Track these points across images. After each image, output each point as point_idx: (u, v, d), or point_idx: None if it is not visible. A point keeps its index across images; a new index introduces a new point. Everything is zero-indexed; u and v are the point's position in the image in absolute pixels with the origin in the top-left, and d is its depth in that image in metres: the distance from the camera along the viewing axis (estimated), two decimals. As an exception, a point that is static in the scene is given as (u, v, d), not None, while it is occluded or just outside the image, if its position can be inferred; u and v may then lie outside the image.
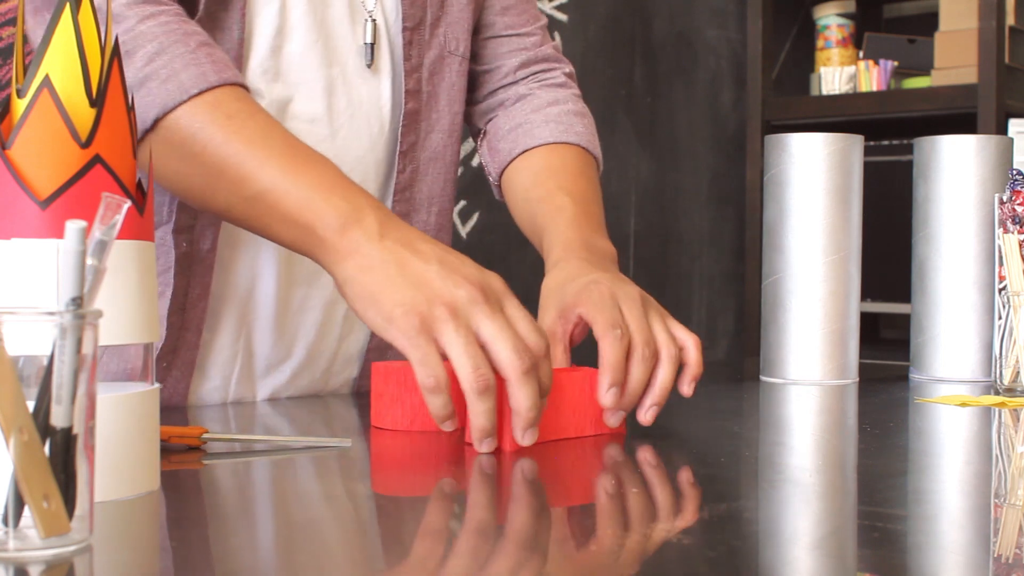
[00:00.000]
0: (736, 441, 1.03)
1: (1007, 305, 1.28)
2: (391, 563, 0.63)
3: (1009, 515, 0.75)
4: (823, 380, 1.35)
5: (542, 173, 1.24)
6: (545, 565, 0.62)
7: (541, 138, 1.28)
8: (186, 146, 0.97)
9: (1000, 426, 1.10)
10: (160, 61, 0.97)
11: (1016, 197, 1.32)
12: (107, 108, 0.72)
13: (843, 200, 1.36)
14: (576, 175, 1.25)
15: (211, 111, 0.96)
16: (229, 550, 0.65)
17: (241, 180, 0.95)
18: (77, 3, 0.72)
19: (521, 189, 1.25)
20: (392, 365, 0.99)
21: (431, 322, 0.86)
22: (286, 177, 0.94)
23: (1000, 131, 2.82)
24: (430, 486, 0.84)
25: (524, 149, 1.28)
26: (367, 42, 1.17)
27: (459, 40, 1.25)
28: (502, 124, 1.31)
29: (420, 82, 1.21)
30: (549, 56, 1.35)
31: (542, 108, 1.30)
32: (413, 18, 1.20)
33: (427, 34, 1.22)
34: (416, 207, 1.23)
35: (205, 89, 0.97)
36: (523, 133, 1.29)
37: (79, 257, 0.59)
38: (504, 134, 1.30)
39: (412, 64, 1.21)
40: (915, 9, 3.54)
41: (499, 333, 0.86)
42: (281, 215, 0.94)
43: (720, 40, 3.34)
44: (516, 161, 1.28)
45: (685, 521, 0.71)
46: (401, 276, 0.88)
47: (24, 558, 0.58)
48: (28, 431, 0.57)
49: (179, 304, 1.11)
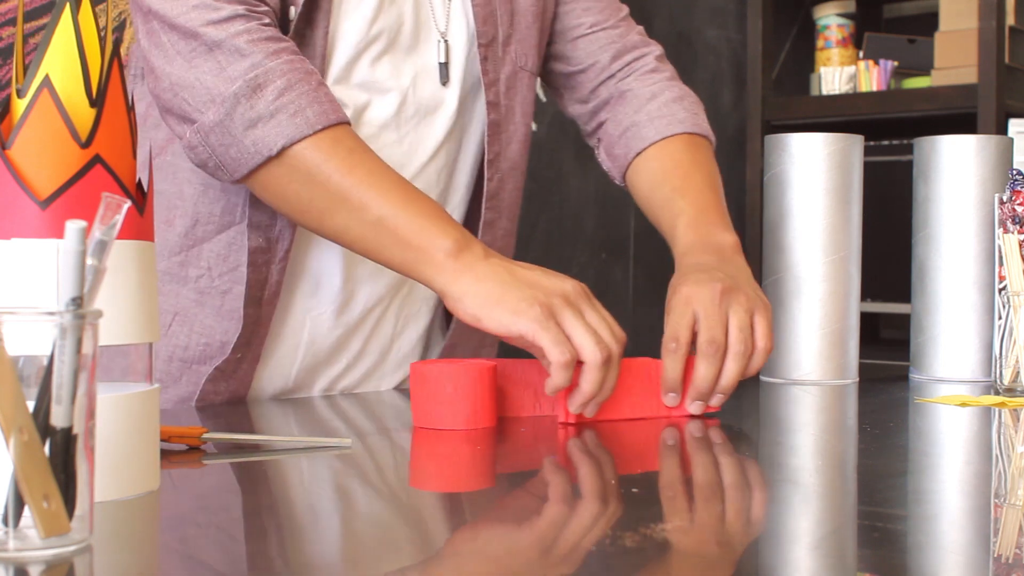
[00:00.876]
0: (736, 441, 1.03)
1: (1007, 305, 1.28)
2: (391, 564, 0.63)
3: (1009, 515, 0.75)
4: (823, 380, 1.35)
5: (656, 177, 1.32)
6: (544, 565, 0.62)
7: (649, 138, 1.35)
8: (311, 173, 1.08)
9: (1000, 426, 1.09)
10: (288, 96, 1.07)
11: (1016, 197, 1.32)
12: (107, 108, 0.72)
13: (843, 200, 1.36)
14: (688, 169, 1.32)
15: (333, 145, 1.08)
16: (229, 550, 0.65)
17: (363, 207, 1.07)
18: (77, 3, 0.72)
19: (642, 195, 1.34)
20: (430, 365, 1.00)
21: (553, 309, 1.00)
22: (406, 207, 1.07)
23: (1000, 131, 2.82)
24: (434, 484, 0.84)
25: (636, 152, 1.35)
26: (441, 62, 1.25)
27: (528, 56, 1.32)
28: (612, 131, 1.38)
29: (499, 95, 1.28)
30: (638, 43, 1.41)
31: (643, 106, 1.36)
32: (486, 35, 1.27)
33: (500, 51, 1.28)
34: (500, 213, 1.31)
35: (328, 126, 1.08)
36: (632, 136, 1.36)
37: (79, 257, 0.59)
38: (616, 140, 1.37)
39: (490, 79, 1.27)
40: (915, 9, 3.54)
41: (595, 324, 1.01)
42: (398, 239, 1.07)
43: (720, 40, 3.34)
44: (633, 165, 1.36)
45: (684, 521, 0.71)
46: (515, 281, 1.03)
47: (24, 558, 0.58)
48: (28, 431, 0.57)
49: (255, 297, 1.18)
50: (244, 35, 1.08)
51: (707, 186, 1.31)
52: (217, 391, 1.19)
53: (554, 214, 2.87)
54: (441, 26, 1.25)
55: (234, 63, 1.07)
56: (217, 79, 1.07)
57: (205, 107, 1.07)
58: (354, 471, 0.88)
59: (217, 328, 1.19)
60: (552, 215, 2.86)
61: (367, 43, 1.20)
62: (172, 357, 1.19)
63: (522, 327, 1.00)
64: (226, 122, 1.07)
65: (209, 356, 1.19)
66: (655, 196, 1.31)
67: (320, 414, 1.15)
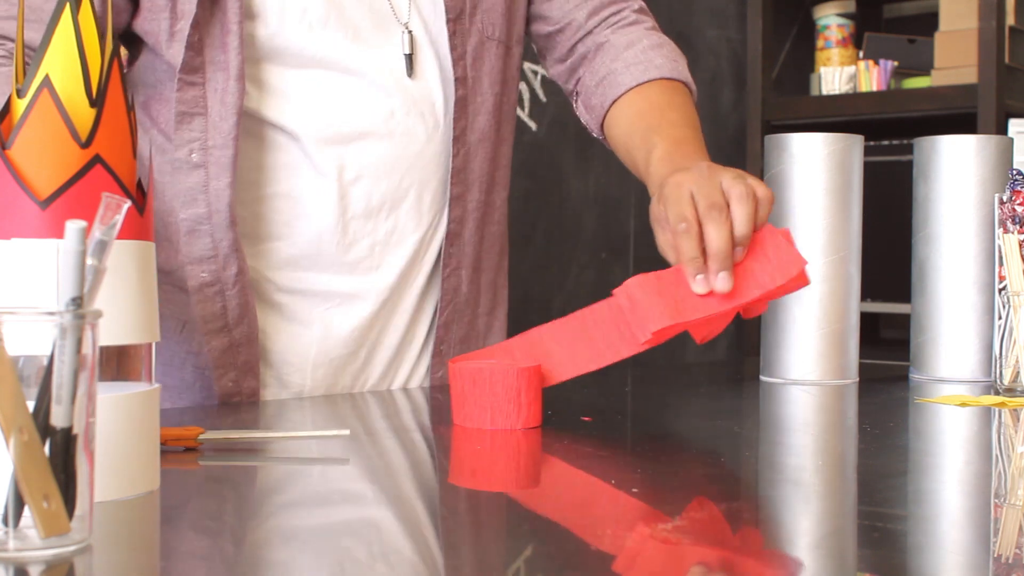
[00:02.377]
0: (736, 441, 1.03)
1: (1007, 305, 1.28)
2: (389, 563, 0.63)
3: (1009, 515, 0.75)
4: (823, 380, 1.35)
5: (634, 120, 1.30)
6: (544, 566, 0.62)
7: (625, 84, 1.33)
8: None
9: (1000, 426, 1.09)
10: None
11: (1016, 197, 1.32)
12: (107, 108, 0.72)
13: (843, 200, 1.36)
14: (663, 109, 1.29)
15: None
16: (229, 550, 0.65)
17: None
18: (77, 3, 0.72)
19: (620, 141, 1.32)
20: (469, 365, 1.00)
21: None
22: None
23: (1000, 131, 2.82)
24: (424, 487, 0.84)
25: (613, 100, 1.33)
26: (406, 53, 1.23)
27: (495, 25, 1.30)
28: (588, 81, 1.36)
29: (465, 69, 1.27)
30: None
31: (620, 55, 1.35)
32: (454, 9, 1.26)
33: (467, 23, 1.27)
34: (469, 187, 1.29)
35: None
36: (608, 84, 1.34)
37: (79, 257, 0.59)
38: (592, 90, 1.36)
39: (457, 53, 1.26)
40: (915, 9, 3.53)
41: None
42: None
43: (720, 40, 3.34)
44: (609, 113, 1.34)
45: (685, 521, 0.71)
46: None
47: (24, 558, 0.58)
48: (28, 431, 0.57)
49: (218, 328, 1.19)
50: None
51: (683, 123, 1.28)
52: (240, 391, 1.20)
53: (554, 214, 2.87)
54: (403, 16, 1.24)
55: None
56: None
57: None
58: (355, 471, 0.88)
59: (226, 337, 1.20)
60: (552, 215, 2.86)
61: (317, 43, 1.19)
62: (185, 363, 1.20)
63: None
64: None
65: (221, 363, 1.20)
66: (631, 139, 1.29)
67: (394, 407, 1.15)
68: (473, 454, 0.94)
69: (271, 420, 1.11)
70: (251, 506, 0.77)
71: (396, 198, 1.24)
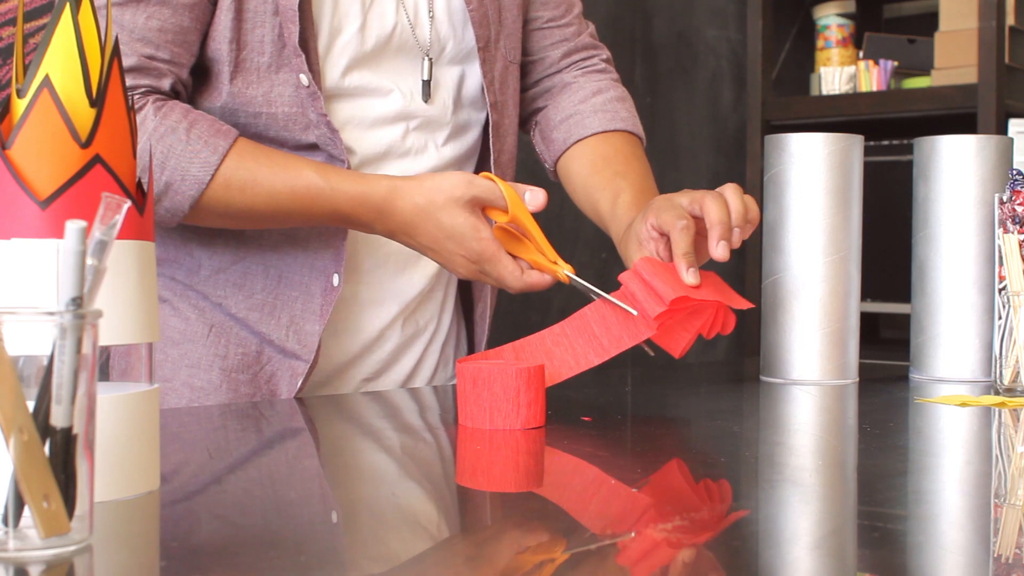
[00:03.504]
0: (736, 441, 1.03)
1: (1007, 305, 1.28)
2: (389, 563, 0.63)
3: (1009, 515, 0.75)
4: (823, 380, 1.35)
5: (598, 162, 1.36)
6: (545, 565, 0.62)
7: (592, 128, 1.39)
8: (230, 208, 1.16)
9: (1000, 426, 1.09)
10: (171, 166, 1.13)
11: (1016, 197, 1.32)
12: (107, 108, 0.72)
13: (843, 200, 1.36)
14: (628, 158, 1.36)
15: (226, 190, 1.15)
16: (228, 550, 0.65)
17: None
18: (77, 3, 0.72)
19: (580, 177, 1.37)
20: (471, 365, 1.00)
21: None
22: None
23: (1000, 131, 2.82)
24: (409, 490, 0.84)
25: (577, 139, 1.39)
26: (424, 79, 1.28)
27: (515, 50, 1.36)
28: (552, 115, 1.42)
29: (496, 94, 1.32)
30: (588, 44, 1.46)
31: (588, 99, 1.41)
32: (483, 38, 1.30)
33: (494, 50, 1.32)
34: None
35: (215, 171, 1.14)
36: (574, 124, 1.40)
37: (79, 257, 0.59)
38: (556, 124, 1.41)
39: (488, 80, 1.31)
40: (915, 9, 3.53)
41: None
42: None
43: (720, 40, 3.34)
44: (569, 152, 1.40)
45: (685, 521, 0.71)
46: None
47: (24, 558, 0.58)
48: (28, 431, 0.57)
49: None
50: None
51: (646, 175, 1.36)
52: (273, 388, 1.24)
53: (554, 214, 2.87)
54: (424, 44, 1.27)
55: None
56: None
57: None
58: (355, 471, 0.88)
59: (252, 340, 1.24)
60: (552, 215, 2.86)
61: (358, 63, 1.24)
62: (212, 366, 1.23)
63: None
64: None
65: (247, 365, 1.23)
66: (595, 178, 1.35)
67: (363, 410, 1.15)
68: (473, 454, 0.94)
69: (291, 418, 1.11)
70: (252, 506, 0.77)
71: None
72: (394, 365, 1.32)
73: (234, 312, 1.23)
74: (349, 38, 1.22)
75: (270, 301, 1.23)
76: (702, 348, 3.16)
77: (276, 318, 1.23)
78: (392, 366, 1.32)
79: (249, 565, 0.62)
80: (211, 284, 1.24)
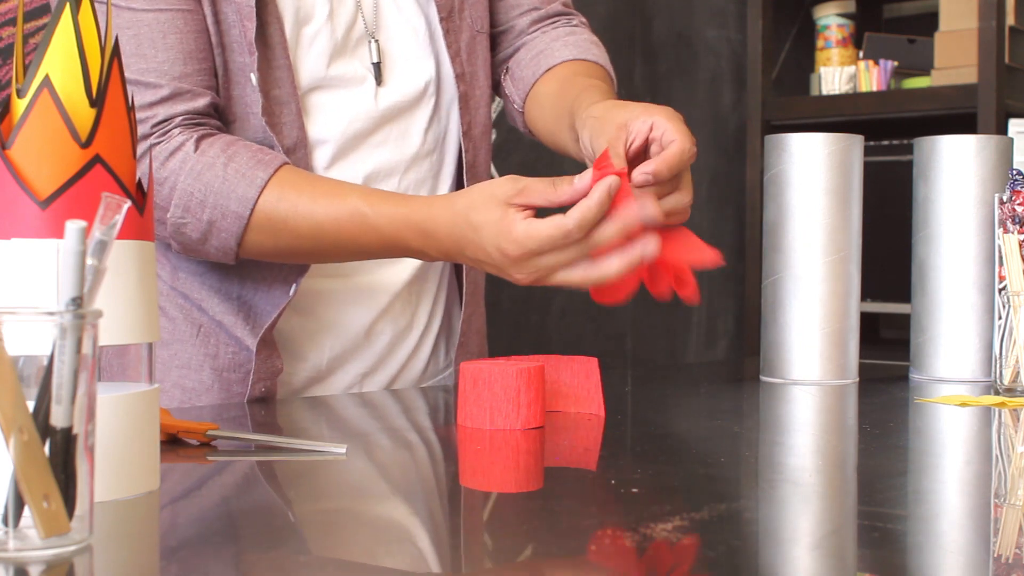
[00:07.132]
0: (736, 441, 1.03)
1: (1007, 305, 1.28)
2: (389, 564, 0.63)
3: (1009, 515, 0.75)
4: (823, 380, 1.35)
5: (569, 78, 1.29)
6: (545, 565, 0.62)
7: (562, 56, 1.33)
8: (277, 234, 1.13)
9: (1000, 426, 1.09)
10: (210, 205, 1.11)
11: (1016, 197, 1.32)
12: (107, 108, 0.72)
13: (843, 200, 1.36)
14: (603, 78, 1.30)
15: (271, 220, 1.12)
16: (228, 550, 0.65)
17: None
18: (77, 3, 0.72)
19: (549, 98, 1.30)
20: (472, 365, 1.00)
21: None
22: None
23: (1000, 131, 2.82)
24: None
25: (547, 68, 1.33)
26: (374, 62, 1.24)
27: (482, 19, 1.32)
28: (523, 56, 1.37)
29: (463, 65, 1.29)
30: (559, 12, 1.40)
31: (560, 37, 1.35)
32: (445, 7, 1.27)
33: (457, 19, 1.28)
34: (478, 177, 1.32)
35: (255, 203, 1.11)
36: (545, 56, 1.34)
37: (79, 257, 0.59)
38: (526, 63, 1.35)
39: (453, 51, 1.28)
40: (915, 9, 3.53)
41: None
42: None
43: (720, 40, 3.34)
44: (541, 79, 1.33)
45: (685, 521, 0.71)
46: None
47: (24, 558, 0.58)
48: (28, 431, 0.57)
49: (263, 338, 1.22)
50: (144, 163, 1.11)
51: (615, 95, 1.28)
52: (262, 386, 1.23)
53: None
54: (371, 27, 1.25)
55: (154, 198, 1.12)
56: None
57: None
58: (356, 471, 0.88)
59: (243, 340, 1.22)
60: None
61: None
62: (203, 366, 1.22)
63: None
64: (184, 250, 1.15)
65: (239, 364, 1.22)
66: (566, 89, 1.27)
67: (350, 412, 1.15)
68: (473, 454, 0.94)
69: (282, 419, 1.11)
70: (252, 506, 0.77)
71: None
72: (388, 359, 1.30)
73: (212, 315, 1.22)
74: (319, 27, 1.19)
75: (243, 308, 1.22)
76: (702, 348, 3.15)
77: (249, 323, 1.22)
78: (387, 360, 1.30)
79: (249, 565, 0.62)
80: (190, 286, 1.23)
